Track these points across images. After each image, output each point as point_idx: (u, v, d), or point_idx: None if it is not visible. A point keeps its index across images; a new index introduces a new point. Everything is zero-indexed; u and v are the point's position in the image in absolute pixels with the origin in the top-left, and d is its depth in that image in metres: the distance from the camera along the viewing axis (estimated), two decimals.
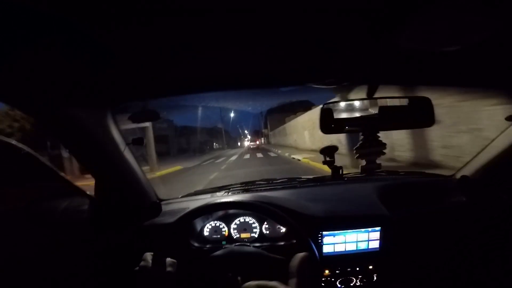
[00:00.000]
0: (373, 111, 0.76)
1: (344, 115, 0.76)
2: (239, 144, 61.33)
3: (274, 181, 1.29)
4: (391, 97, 0.74)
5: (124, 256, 0.87)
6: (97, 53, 0.48)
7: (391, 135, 5.49)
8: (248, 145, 30.29)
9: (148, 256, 0.69)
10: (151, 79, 0.66)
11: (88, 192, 0.88)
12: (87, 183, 0.95)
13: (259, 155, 15.50)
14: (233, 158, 15.36)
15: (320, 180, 1.25)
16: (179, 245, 0.90)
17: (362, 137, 0.76)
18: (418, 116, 0.73)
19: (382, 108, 0.74)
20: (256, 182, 1.28)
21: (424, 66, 0.68)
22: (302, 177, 1.34)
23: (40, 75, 0.52)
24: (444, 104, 4.25)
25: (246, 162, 12.40)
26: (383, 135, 0.79)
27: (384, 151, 0.79)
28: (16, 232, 0.71)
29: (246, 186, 1.26)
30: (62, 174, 0.80)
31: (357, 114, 0.76)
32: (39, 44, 0.42)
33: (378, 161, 0.86)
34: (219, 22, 0.42)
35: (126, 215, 0.92)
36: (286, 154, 12.95)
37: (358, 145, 0.77)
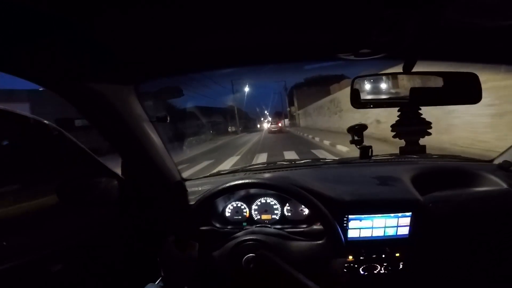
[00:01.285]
0: (413, 88, 0.75)
1: (378, 89, 0.78)
2: (258, 126, 57.54)
3: (297, 161, 1.35)
4: (432, 72, 0.73)
5: (149, 235, 0.97)
6: (120, 31, 0.52)
7: None
8: (267, 128, 26.51)
9: (170, 239, 0.76)
10: (173, 56, 0.69)
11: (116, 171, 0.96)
12: None
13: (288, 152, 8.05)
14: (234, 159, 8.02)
15: (347, 162, 1.29)
16: (201, 225, 0.98)
17: (399, 113, 0.75)
18: (464, 92, 0.72)
19: (423, 83, 0.73)
20: (278, 163, 1.35)
21: (469, 42, 0.66)
22: (327, 158, 1.39)
23: (67, 52, 0.58)
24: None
25: None
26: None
27: (430, 131, 0.77)
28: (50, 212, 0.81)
29: (268, 166, 1.34)
30: (92, 153, 0.88)
31: (393, 90, 0.75)
32: (66, 22, 0.46)
33: (421, 143, 0.86)
34: None
35: (152, 194, 1.01)
36: None
37: (395, 122, 0.76)
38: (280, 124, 25.81)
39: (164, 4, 0.45)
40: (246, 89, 43.27)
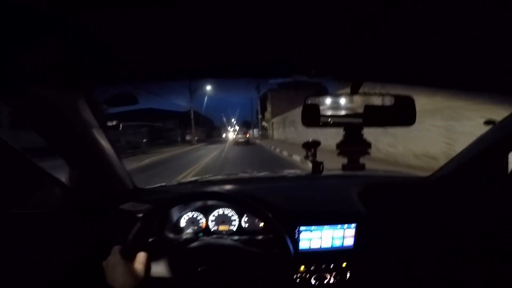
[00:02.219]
0: (360, 109, 0.86)
1: (328, 110, 0.90)
2: (223, 136, 54.19)
3: (255, 175, 1.46)
4: (376, 93, 0.87)
5: (95, 245, 0.95)
6: (70, 33, 0.53)
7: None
8: (232, 139, 25.14)
9: (117, 249, 0.76)
10: (125, 63, 0.72)
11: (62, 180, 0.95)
12: None
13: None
14: None
15: (301, 176, 1.43)
16: (153, 236, 0.98)
17: (344, 133, 0.86)
18: (401, 115, 0.83)
19: (367, 106, 0.84)
20: (238, 175, 1.45)
21: (410, 65, 0.77)
22: (284, 172, 1.51)
23: (9, 54, 0.58)
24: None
25: None
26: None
27: (369, 151, 0.88)
28: None
29: (227, 178, 1.41)
30: (30, 160, 0.86)
31: (342, 111, 0.86)
32: (9, 22, 0.47)
33: (361, 161, 1.00)
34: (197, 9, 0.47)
35: (100, 203, 1.01)
36: None
37: (339, 141, 0.90)
38: (248, 135, 23.66)
39: (119, 15, 0.48)
40: (209, 89, 34.76)
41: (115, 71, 0.78)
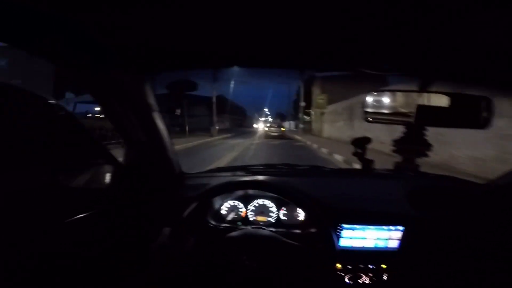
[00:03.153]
0: (426, 108, 0.86)
1: (390, 106, 0.93)
2: (254, 126, 49.46)
3: (297, 167, 1.48)
4: (444, 93, 0.88)
5: (143, 227, 1.07)
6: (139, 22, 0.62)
7: None
8: (264, 130, 22.52)
9: (167, 231, 0.85)
10: (184, 50, 0.80)
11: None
12: None
13: None
14: None
15: (347, 173, 1.44)
16: (197, 221, 1.08)
17: (404, 130, 0.91)
18: (473, 116, 0.83)
19: (435, 106, 0.84)
20: (278, 166, 1.47)
21: (485, 64, 0.75)
22: (327, 167, 1.51)
23: (89, 41, 0.70)
24: None
25: None
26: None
27: (428, 152, 0.90)
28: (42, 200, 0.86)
29: (268, 169, 1.45)
30: (95, 138, 0.99)
31: (403, 108, 0.87)
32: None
33: (417, 162, 1.00)
34: None
35: (151, 184, 1.12)
36: None
37: (397, 138, 0.92)
38: (283, 129, 21.34)
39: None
40: (237, 71, 32.71)
41: (176, 59, 0.87)
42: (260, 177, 1.23)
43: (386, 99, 0.91)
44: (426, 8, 0.51)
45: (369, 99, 0.87)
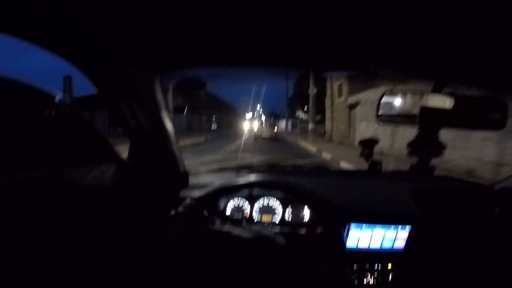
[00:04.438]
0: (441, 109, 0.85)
1: (404, 106, 0.93)
2: (244, 126, 33.07)
3: (302, 167, 1.50)
4: (460, 95, 0.87)
5: (147, 227, 1.04)
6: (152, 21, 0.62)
7: None
8: (253, 133, 18.96)
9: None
10: (197, 48, 0.79)
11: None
12: None
13: None
14: None
15: (353, 174, 1.46)
16: (202, 221, 1.06)
17: (418, 131, 0.90)
18: (489, 118, 0.84)
19: (449, 107, 0.83)
20: (282, 165, 1.50)
21: (498, 67, 0.74)
22: (333, 168, 1.56)
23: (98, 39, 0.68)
24: None
25: None
26: None
27: (443, 154, 0.90)
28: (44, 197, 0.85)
29: (272, 168, 1.46)
30: (102, 134, 0.98)
31: (417, 109, 0.87)
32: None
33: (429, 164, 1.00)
34: None
35: (155, 184, 1.11)
36: None
37: (412, 140, 0.92)
38: (275, 130, 18.90)
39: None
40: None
41: (184, 58, 0.86)
42: (266, 177, 1.22)
43: (399, 100, 0.91)
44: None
45: (384, 99, 0.87)
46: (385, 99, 0.89)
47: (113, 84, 0.84)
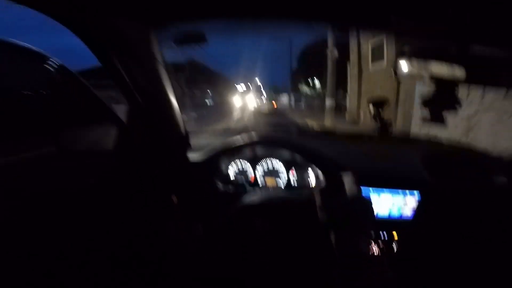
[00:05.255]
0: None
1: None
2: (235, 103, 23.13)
3: (310, 131, 1.48)
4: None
5: (149, 190, 1.04)
6: None
7: None
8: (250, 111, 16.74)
9: (171, 224, 0.85)
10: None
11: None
12: None
13: None
14: None
15: (363, 135, 1.42)
16: (205, 183, 1.07)
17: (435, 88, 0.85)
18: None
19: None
20: (288, 128, 1.46)
21: None
22: (341, 130, 1.53)
23: None
24: None
25: None
26: None
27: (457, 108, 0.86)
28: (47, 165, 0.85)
29: (276, 130, 1.44)
30: (97, 95, 0.95)
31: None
32: None
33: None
34: None
35: (156, 145, 1.08)
36: None
37: (431, 95, 0.86)
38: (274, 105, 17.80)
39: None
40: None
41: (179, 8, 0.79)
42: (269, 137, 1.19)
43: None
44: None
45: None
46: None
47: (104, 35, 0.78)
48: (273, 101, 18.48)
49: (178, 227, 0.92)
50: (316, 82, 19.79)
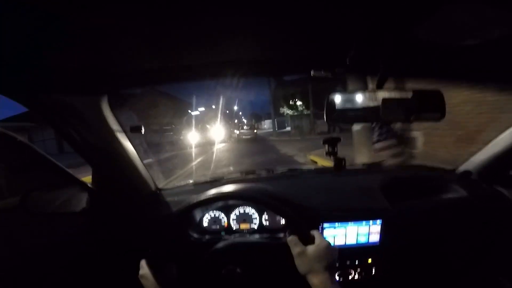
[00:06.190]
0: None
1: (349, 105, 0.96)
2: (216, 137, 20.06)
3: (274, 171, 1.52)
4: (402, 90, 0.92)
5: (121, 249, 1.06)
6: (91, 39, 0.60)
7: None
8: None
9: (144, 263, 0.83)
10: (144, 68, 0.80)
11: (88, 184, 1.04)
12: None
13: None
14: None
15: (322, 172, 1.49)
16: (179, 237, 1.08)
17: (377, 130, 0.93)
18: (428, 109, 0.85)
19: (386, 100, 0.85)
20: (256, 172, 1.52)
21: (439, 60, 0.81)
22: (304, 168, 1.57)
23: (35, 63, 0.66)
24: None
25: None
26: None
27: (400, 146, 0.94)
28: (13, 226, 0.88)
29: (246, 177, 1.48)
30: (60, 164, 0.97)
31: (366, 106, 0.93)
32: (32, 31, 0.54)
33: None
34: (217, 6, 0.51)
35: (125, 205, 1.10)
36: None
37: (375, 138, 0.94)
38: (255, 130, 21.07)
39: (135, 20, 0.54)
40: None
41: (134, 76, 0.86)
42: (236, 187, 1.23)
43: (357, 96, 0.92)
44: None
45: (338, 98, 0.88)
46: (340, 97, 0.90)
47: (55, 110, 0.83)
48: (254, 129, 20.49)
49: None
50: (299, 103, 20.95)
